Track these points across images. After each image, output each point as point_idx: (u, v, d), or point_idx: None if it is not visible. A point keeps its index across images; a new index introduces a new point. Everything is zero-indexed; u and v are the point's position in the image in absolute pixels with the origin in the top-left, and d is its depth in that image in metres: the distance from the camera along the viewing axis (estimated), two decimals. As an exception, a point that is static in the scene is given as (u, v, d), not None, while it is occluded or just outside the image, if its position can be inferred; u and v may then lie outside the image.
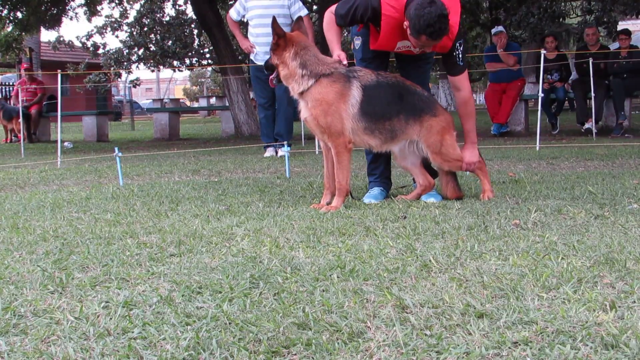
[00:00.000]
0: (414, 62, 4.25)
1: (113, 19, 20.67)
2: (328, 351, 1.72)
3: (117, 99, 35.79)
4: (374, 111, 3.90)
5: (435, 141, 3.99)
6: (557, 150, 7.49)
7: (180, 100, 40.73)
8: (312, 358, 1.71)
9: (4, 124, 14.32)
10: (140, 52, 20.48)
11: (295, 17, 7.88)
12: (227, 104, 13.81)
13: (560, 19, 15.17)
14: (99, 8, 18.31)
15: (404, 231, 3.11)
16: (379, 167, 4.38)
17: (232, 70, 12.90)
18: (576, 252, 2.60)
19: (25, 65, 16.76)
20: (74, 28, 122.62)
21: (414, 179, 4.31)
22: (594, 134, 9.56)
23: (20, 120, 12.21)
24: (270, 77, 4.10)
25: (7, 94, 19.86)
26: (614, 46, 12.07)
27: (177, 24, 20.19)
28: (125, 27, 20.69)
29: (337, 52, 4.06)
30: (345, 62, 4.01)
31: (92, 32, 20.63)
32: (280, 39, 3.88)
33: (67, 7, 15.60)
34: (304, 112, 3.95)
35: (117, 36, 21.63)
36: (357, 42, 4.24)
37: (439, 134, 4.00)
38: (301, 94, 3.89)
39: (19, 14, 14.50)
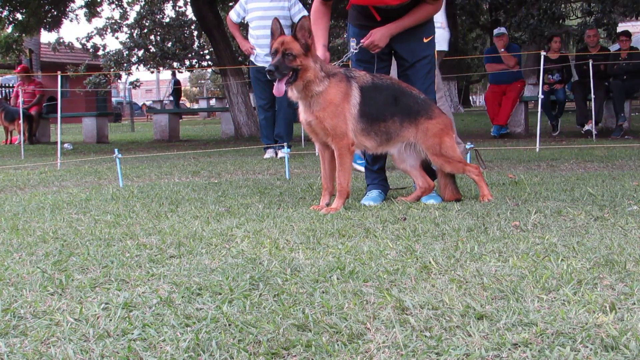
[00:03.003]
0: (412, 67, 4.23)
1: (113, 21, 20.68)
2: (328, 352, 1.72)
3: (117, 100, 35.78)
4: (370, 112, 3.91)
5: (434, 143, 4.00)
6: (557, 151, 7.49)
7: (180, 102, 40.73)
8: (312, 359, 1.71)
9: (6, 125, 14.31)
10: (140, 53, 20.49)
11: (295, 19, 7.91)
12: (227, 106, 13.82)
13: (560, 21, 15.19)
14: (98, 9, 18.33)
15: (404, 233, 3.11)
16: (377, 170, 4.39)
17: (232, 71, 12.91)
18: (576, 254, 2.60)
19: (18, 68, 16.73)
20: (74, 29, 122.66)
21: (414, 181, 4.31)
22: (593, 135, 9.57)
23: (21, 121, 12.21)
24: (283, 82, 3.75)
25: (8, 95, 19.87)
26: (613, 48, 12.08)
27: (177, 25, 20.19)
28: (125, 29, 20.70)
29: (321, 53, 4.01)
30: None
31: (92, 34, 20.64)
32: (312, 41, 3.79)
33: (67, 9, 15.61)
34: (308, 115, 3.90)
35: (117, 37, 21.67)
36: (353, 43, 4.24)
37: (436, 136, 4.00)
38: (312, 95, 3.84)
39: (19, 16, 14.51)
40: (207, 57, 21.35)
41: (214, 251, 2.86)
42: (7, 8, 14.14)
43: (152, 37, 20.31)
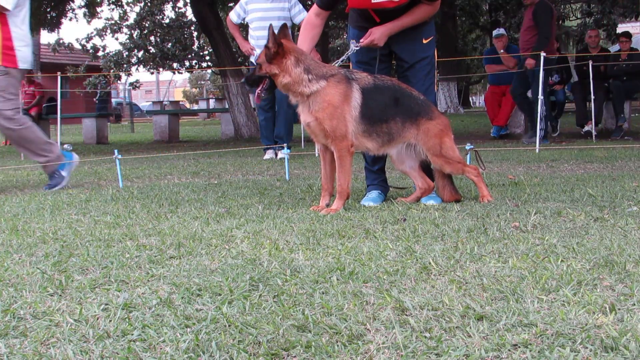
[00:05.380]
0: (412, 68, 4.23)
1: (113, 21, 20.70)
2: (327, 353, 1.72)
3: (117, 101, 35.78)
4: (372, 114, 3.91)
5: (434, 144, 4.00)
6: (557, 152, 7.50)
7: (180, 103, 40.78)
8: (312, 360, 1.71)
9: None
10: (140, 54, 20.50)
11: (295, 20, 7.92)
12: (227, 106, 13.83)
13: (560, 21, 15.21)
14: (98, 10, 18.34)
15: (404, 233, 3.11)
16: (377, 171, 4.39)
17: (232, 72, 12.91)
18: (576, 255, 2.60)
19: None
20: (74, 30, 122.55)
21: (413, 182, 4.31)
22: (593, 136, 9.57)
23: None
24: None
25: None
26: (613, 49, 12.09)
27: (177, 26, 20.22)
28: (125, 30, 20.72)
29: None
30: None
31: (92, 35, 20.65)
32: (279, 48, 3.83)
33: (66, 8, 15.61)
34: (307, 117, 3.91)
35: (116, 38, 21.70)
36: (353, 45, 4.25)
37: (436, 137, 4.01)
38: (308, 96, 3.85)
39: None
40: (207, 57, 21.37)
41: (214, 252, 2.86)
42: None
43: (152, 37, 20.32)
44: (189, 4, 17.60)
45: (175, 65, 21.19)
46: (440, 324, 1.89)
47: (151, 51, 20.26)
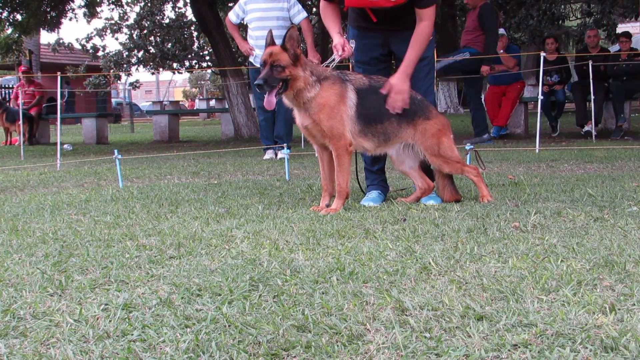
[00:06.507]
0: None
1: (113, 21, 20.69)
2: (327, 353, 1.72)
3: (117, 101, 35.76)
4: (368, 114, 3.93)
5: (432, 144, 4.00)
6: (557, 152, 7.49)
7: (180, 103, 40.78)
8: (312, 360, 1.71)
9: (7, 126, 14.30)
10: (140, 54, 20.49)
11: (294, 20, 7.91)
12: (227, 106, 13.82)
13: (560, 22, 15.20)
14: (98, 10, 18.33)
15: (404, 233, 3.11)
16: (376, 171, 4.39)
17: (232, 72, 12.91)
18: (576, 255, 2.60)
19: (22, 68, 16.81)
20: (74, 30, 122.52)
21: (413, 182, 4.31)
22: (593, 136, 9.56)
23: (21, 122, 12.20)
24: (272, 95, 3.79)
25: (7, 96, 19.87)
26: (613, 49, 12.08)
27: (177, 26, 20.21)
28: (125, 30, 20.71)
29: (336, 40, 4.07)
30: (347, 47, 4.07)
31: (92, 35, 20.64)
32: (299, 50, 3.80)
33: (66, 8, 15.60)
34: (305, 120, 3.92)
35: (116, 38, 21.67)
36: (352, 45, 4.25)
37: (434, 136, 4.01)
38: (306, 100, 3.84)
39: (19, 17, 14.51)
40: (207, 58, 21.35)
41: (214, 252, 2.86)
42: (6, 9, 14.14)
43: (151, 38, 20.31)
44: (189, 4, 17.59)
45: (175, 65, 21.17)
46: (440, 324, 1.89)
47: (151, 51, 20.26)
